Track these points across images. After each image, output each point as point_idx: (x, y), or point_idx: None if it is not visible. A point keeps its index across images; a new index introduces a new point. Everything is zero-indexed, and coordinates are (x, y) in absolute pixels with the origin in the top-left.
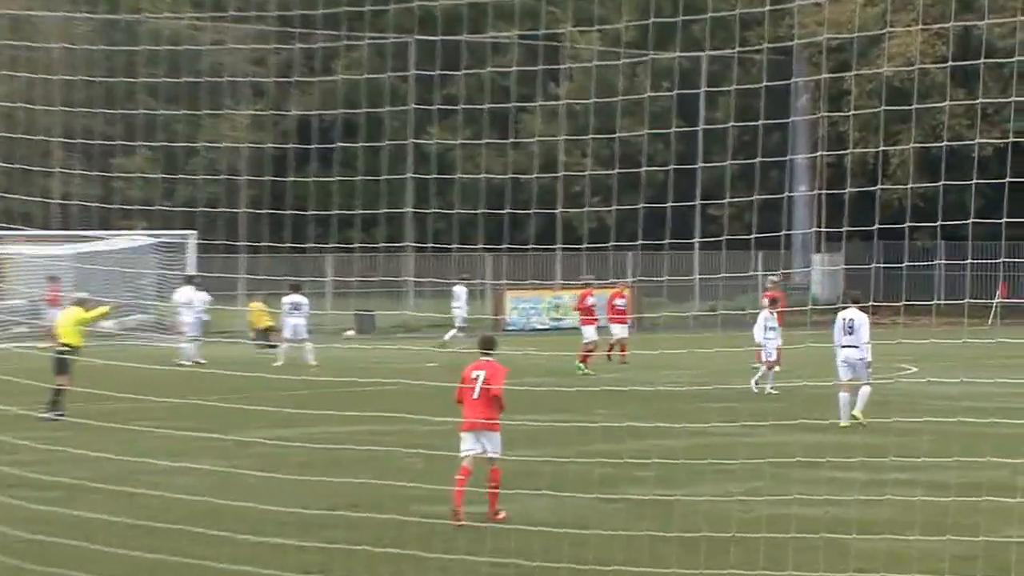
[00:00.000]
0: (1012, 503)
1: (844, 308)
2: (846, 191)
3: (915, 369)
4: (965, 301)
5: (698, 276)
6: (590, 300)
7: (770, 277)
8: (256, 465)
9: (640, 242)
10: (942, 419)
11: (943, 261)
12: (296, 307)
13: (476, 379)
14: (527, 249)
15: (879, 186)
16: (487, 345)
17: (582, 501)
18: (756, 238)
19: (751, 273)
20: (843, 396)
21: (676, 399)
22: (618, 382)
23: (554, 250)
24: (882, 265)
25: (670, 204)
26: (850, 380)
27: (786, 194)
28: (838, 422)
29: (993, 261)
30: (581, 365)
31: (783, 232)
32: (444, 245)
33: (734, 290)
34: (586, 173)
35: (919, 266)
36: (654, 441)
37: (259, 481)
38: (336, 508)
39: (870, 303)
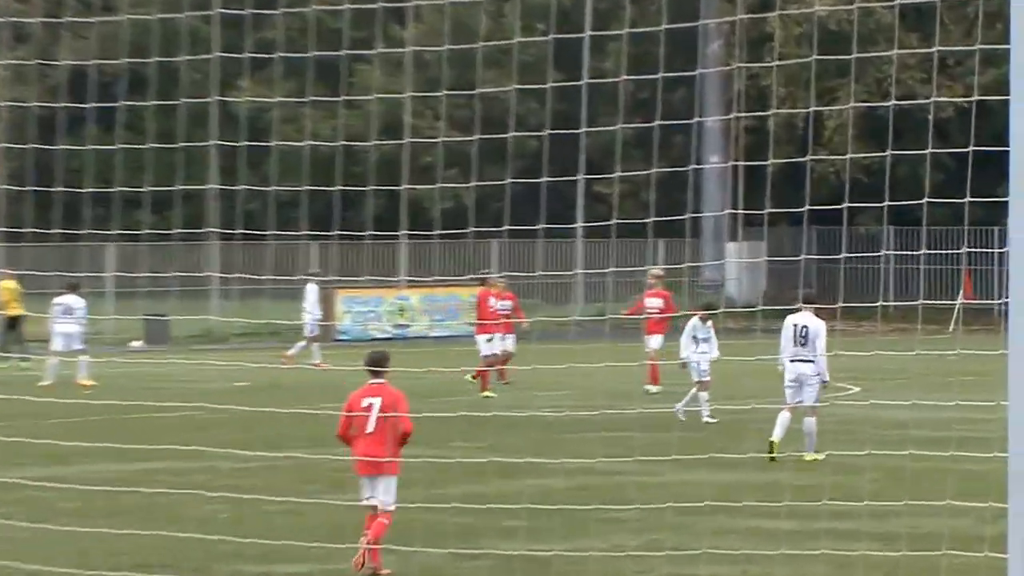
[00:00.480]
0: (977, 558)
1: (794, 311)
2: (769, 163)
3: (856, 389)
4: (919, 302)
5: (581, 271)
6: (494, 303)
7: (652, 271)
8: (18, 513)
9: (507, 227)
10: (890, 452)
11: (892, 251)
12: (69, 311)
13: (369, 408)
14: (364, 236)
15: (810, 156)
16: (377, 363)
17: (434, 558)
18: (655, 222)
19: (649, 268)
20: (785, 415)
21: (554, 427)
22: (481, 406)
23: (397, 237)
24: (815, 256)
25: (545, 179)
26: (798, 403)
27: (692, 166)
28: (762, 455)
29: (954, 252)
30: (475, 380)
31: (689, 215)
32: (257, 231)
33: (628, 289)
34: (439, 140)
35: (862, 258)
36: (526, 481)
37: (28, 534)
38: (119, 568)
39: (818, 305)
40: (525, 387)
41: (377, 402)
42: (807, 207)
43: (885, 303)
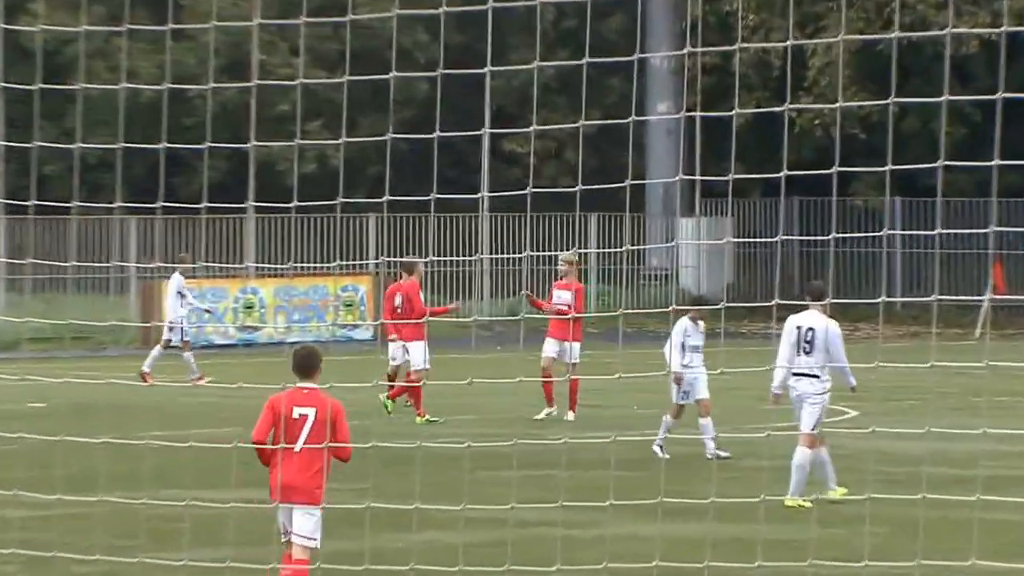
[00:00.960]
0: None
1: (800, 309)
2: (734, 112)
3: (854, 413)
4: (934, 298)
5: (487, 255)
6: (399, 301)
7: (562, 256)
8: None
9: (387, 198)
10: (898, 496)
11: (898, 231)
12: None
13: (301, 421)
14: (198, 210)
15: (789, 105)
16: (307, 364)
17: None
18: (585, 192)
19: (581, 251)
20: (799, 451)
21: (453, 463)
22: (361, 436)
23: (244, 211)
24: (796, 238)
25: (439, 134)
26: (812, 430)
27: (633, 118)
28: (729, 500)
29: (980, 232)
30: (388, 404)
31: (629, 181)
32: (57, 203)
33: (550, 279)
34: (298, 82)
35: (859, 239)
36: (417, 535)
37: None
38: None
39: (820, 301)
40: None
41: (311, 414)
42: (785, 172)
43: (890, 299)
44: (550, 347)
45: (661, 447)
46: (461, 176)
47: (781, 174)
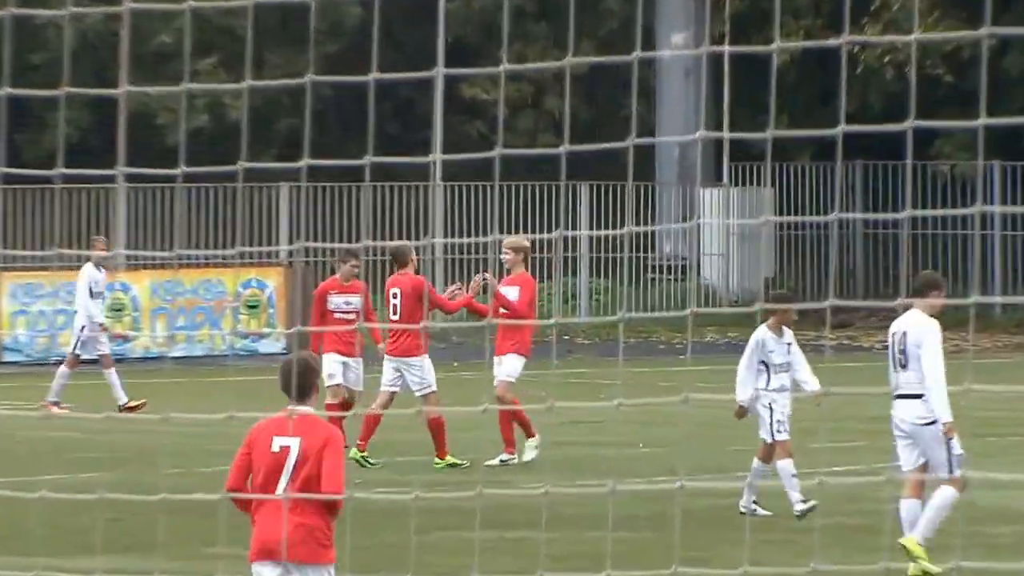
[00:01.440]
0: None
1: (902, 311)
2: (774, 47)
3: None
4: None
5: (440, 239)
6: (337, 302)
7: (505, 243)
8: None
9: (304, 162)
10: (1000, 564)
11: (995, 207)
12: None
13: (283, 453)
14: (50, 180)
15: (848, 37)
16: (301, 383)
17: None
18: (573, 154)
19: (570, 233)
20: (907, 504)
21: (393, 521)
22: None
23: (113, 179)
24: (858, 215)
25: (375, 75)
26: (917, 468)
27: (638, 54)
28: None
29: None
30: (361, 455)
31: (632, 140)
32: None
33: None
34: (164, 5)
35: (943, 217)
36: None
37: None
38: None
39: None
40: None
41: (295, 445)
42: (843, 127)
43: (986, 299)
44: (506, 366)
45: (755, 507)
46: (405, 132)
47: (838, 129)
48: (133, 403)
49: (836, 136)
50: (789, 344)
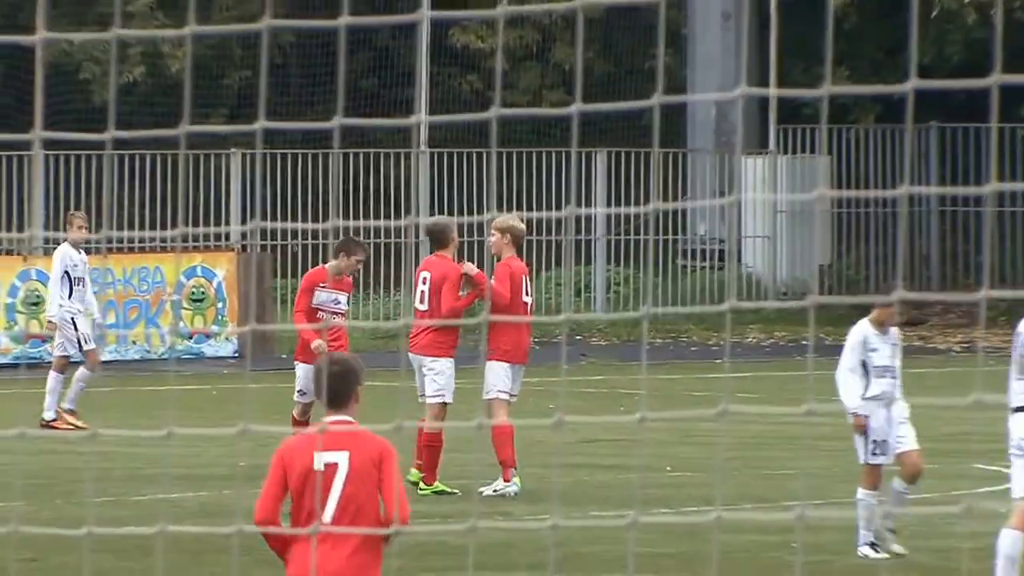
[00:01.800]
0: None
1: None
2: None
3: None
4: None
5: (425, 218)
6: (323, 298)
7: (495, 223)
8: None
9: (259, 124)
10: None
11: None
12: None
13: (330, 472)
14: None
15: None
16: (340, 389)
17: None
18: (588, 115)
19: (584, 211)
20: (1010, 536)
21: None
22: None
23: (28, 146)
24: (933, 189)
25: (344, 19)
26: None
27: None
28: None
29: None
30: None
31: (659, 98)
32: None
33: (528, 254)
34: None
35: None
36: None
37: None
38: None
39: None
40: None
41: (344, 461)
42: (915, 82)
43: None
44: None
45: (873, 545)
46: (384, 89)
47: (908, 85)
48: (67, 422)
49: (906, 93)
50: (894, 345)
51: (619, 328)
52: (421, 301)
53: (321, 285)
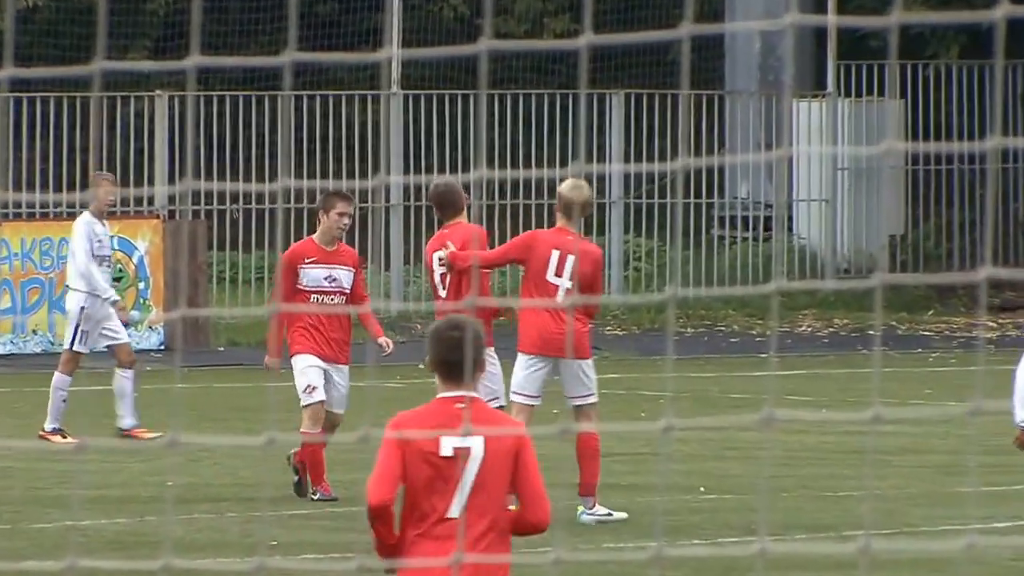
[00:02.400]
0: None
1: None
2: None
3: None
4: None
5: (398, 177)
6: (314, 276)
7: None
8: None
9: (192, 60)
10: None
11: None
12: None
13: (459, 459)
14: None
15: None
16: (456, 359)
17: None
18: (600, 47)
19: (595, 169)
20: None
21: None
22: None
23: None
24: None
25: None
26: None
27: None
28: None
29: None
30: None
31: (689, 27)
32: None
33: (524, 223)
34: None
35: None
36: None
37: None
38: None
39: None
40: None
41: (478, 447)
42: (1006, 7)
43: None
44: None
45: None
46: (346, 15)
47: (998, 12)
48: (142, 431)
49: (996, 22)
50: None
51: (640, 314)
52: (443, 286)
53: (307, 260)
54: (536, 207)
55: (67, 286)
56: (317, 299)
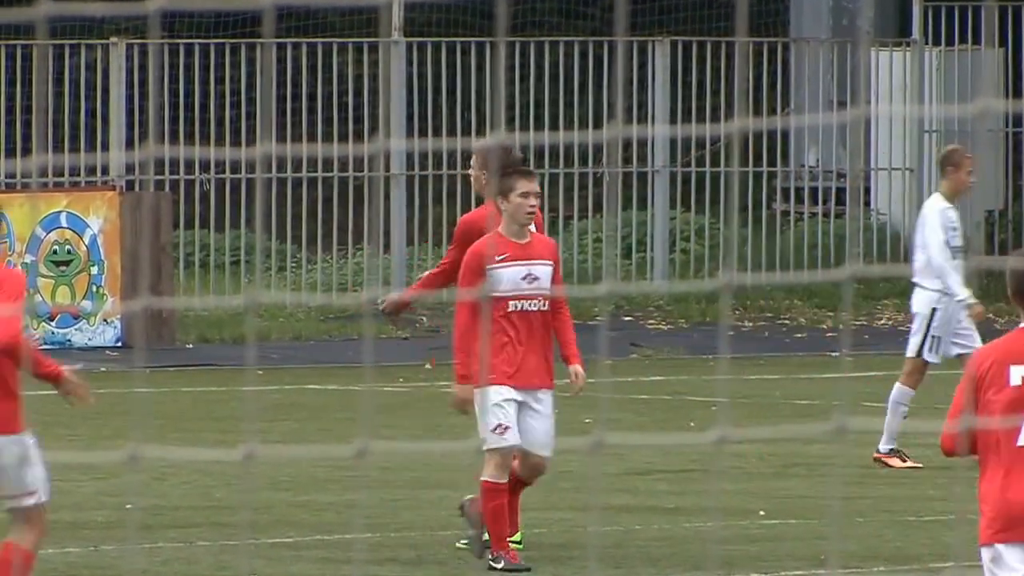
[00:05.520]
0: None
1: None
2: None
3: None
4: None
5: (398, 144)
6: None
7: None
8: None
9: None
10: None
11: None
12: None
13: None
14: None
15: None
16: None
17: None
18: None
19: (636, 132)
20: None
21: None
22: None
23: None
24: None
25: None
26: None
27: None
28: None
29: None
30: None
31: None
32: None
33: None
34: None
35: None
36: None
37: None
38: None
39: None
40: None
41: None
42: None
43: None
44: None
45: None
46: None
47: None
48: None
49: None
50: None
51: (688, 305)
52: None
53: (498, 258)
54: (565, 176)
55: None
56: (516, 306)
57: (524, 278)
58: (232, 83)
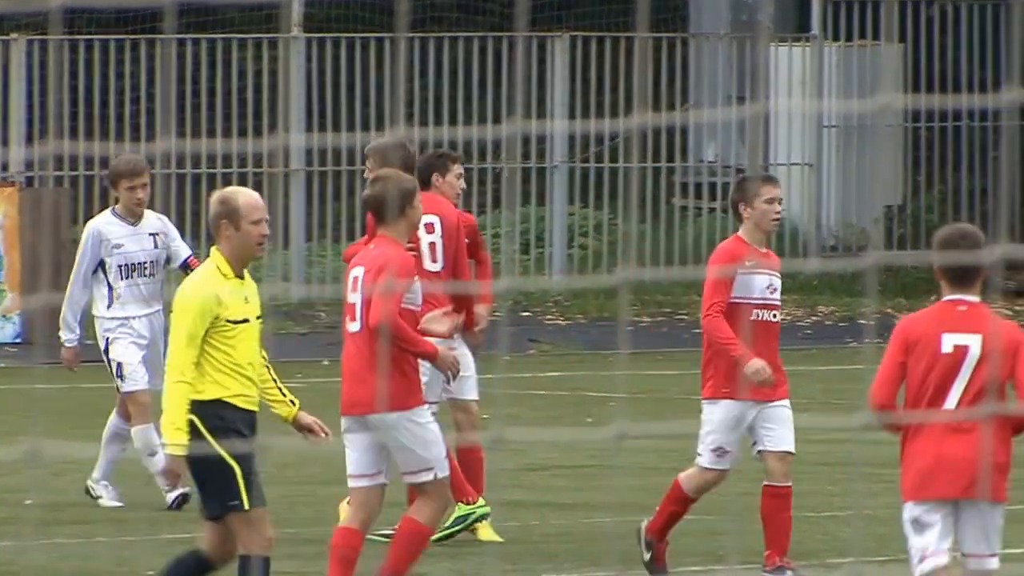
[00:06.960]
0: None
1: None
2: None
3: None
4: None
5: (297, 140)
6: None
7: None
8: None
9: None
10: None
11: None
12: None
13: (958, 355)
14: None
15: None
16: (966, 266)
17: None
18: None
19: (535, 127)
20: None
21: None
22: None
23: None
24: None
25: None
26: None
27: None
28: None
29: None
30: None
31: None
32: None
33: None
34: None
35: None
36: None
37: None
38: None
39: None
40: None
41: (975, 344)
42: None
43: None
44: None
45: None
46: None
47: None
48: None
49: None
50: None
51: (586, 301)
52: (432, 259)
53: (748, 263)
54: (464, 171)
55: None
56: (759, 315)
57: (767, 287)
58: (132, 79)
